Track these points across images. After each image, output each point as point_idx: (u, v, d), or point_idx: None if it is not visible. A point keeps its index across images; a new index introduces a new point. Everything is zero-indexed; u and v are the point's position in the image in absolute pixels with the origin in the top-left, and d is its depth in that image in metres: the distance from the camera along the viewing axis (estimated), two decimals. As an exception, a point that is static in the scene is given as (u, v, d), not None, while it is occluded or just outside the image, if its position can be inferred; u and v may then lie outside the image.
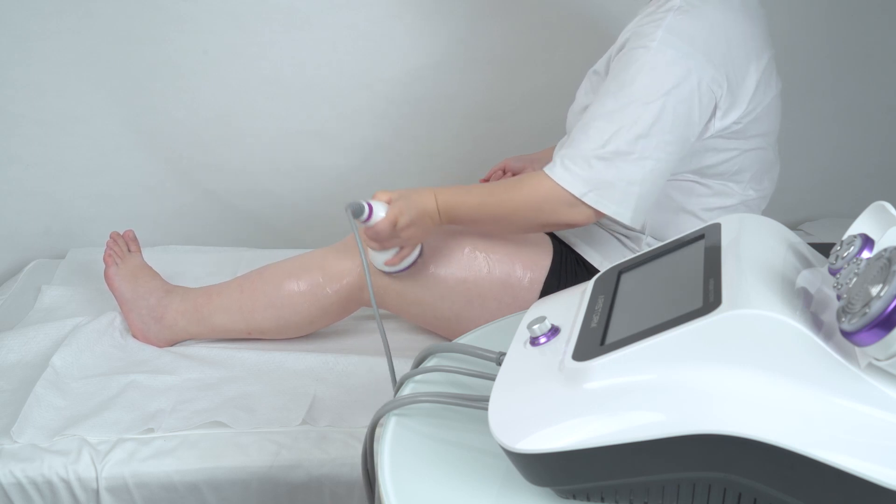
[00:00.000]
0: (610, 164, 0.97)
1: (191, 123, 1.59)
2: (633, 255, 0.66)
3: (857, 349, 0.47)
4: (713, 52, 0.97)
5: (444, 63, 1.60)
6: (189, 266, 1.52)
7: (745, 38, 1.01)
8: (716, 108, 1.00)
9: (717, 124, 1.02)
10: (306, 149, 1.65)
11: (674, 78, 0.96)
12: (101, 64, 1.51)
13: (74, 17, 1.46)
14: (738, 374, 0.48)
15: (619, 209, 0.98)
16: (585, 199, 0.98)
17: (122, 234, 1.35)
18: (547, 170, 1.00)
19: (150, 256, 1.37)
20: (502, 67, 1.62)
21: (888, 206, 0.53)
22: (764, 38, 1.05)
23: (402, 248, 1.10)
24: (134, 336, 1.27)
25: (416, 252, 1.13)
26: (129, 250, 1.33)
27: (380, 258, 1.12)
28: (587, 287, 0.65)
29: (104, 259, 1.31)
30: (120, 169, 1.61)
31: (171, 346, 1.26)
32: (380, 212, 1.03)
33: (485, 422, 0.55)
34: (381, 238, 1.04)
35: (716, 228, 0.60)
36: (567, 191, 0.98)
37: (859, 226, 0.53)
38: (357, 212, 1.01)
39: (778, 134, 1.12)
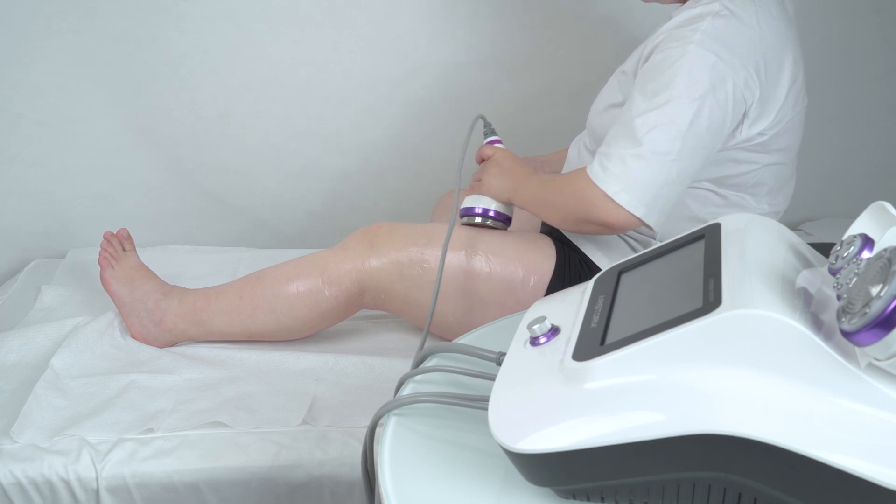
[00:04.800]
0: (646, 164, 0.96)
1: (191, 123, 1.59)
2: (634, 255, 0.66)
3: (857, 349, 0.47)
4: (749, 59, 0.97)
5: (444, 63, 1.60)
6: (188, 266, 1.52)
7: (780, 49, 1.02)
8: (745, 115, 1.00)
9: (744, 133, 1.02)
10: (306, 149, 1.65)
11: (710, 81, 0.95)
12: (101, 64, 1.51)
13: (74, 17, 1.46)
14: (738, 374, 0.48)
15: (649, 211, 0.98)
16: (617, 199, 0.97)
17: (115, 233, 1.35)
18: (588, 168, 1.01)
19: (150, 256, 1.37)
20: (503, 67, 1.62)
21: (888, 206, 0.53)
22: (798, 52, 1.05)
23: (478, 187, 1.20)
24: (133, 338, 1.27)
25: (486, 204, 1.18)
26: (124, 249, 1.32)
27: (464, 201, 1.20)
28: (587, 287, 0.65)
29: (99, 262, 1.30)
30: (120, 169, 1.61)
31: (171, 346, 1.26)
32: (498, 145, 1.24)
33: (485, 422, 0.55)
34: (480, 156, 1.23)
35: (716, 228, 0.60)
36: (600, 188, 0.98)
37: (859, 226, 0.53)
38: (489, 130, 1.25)
39: (798, 150, 1.12)
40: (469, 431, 0.65)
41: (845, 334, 0.45)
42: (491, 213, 1.18)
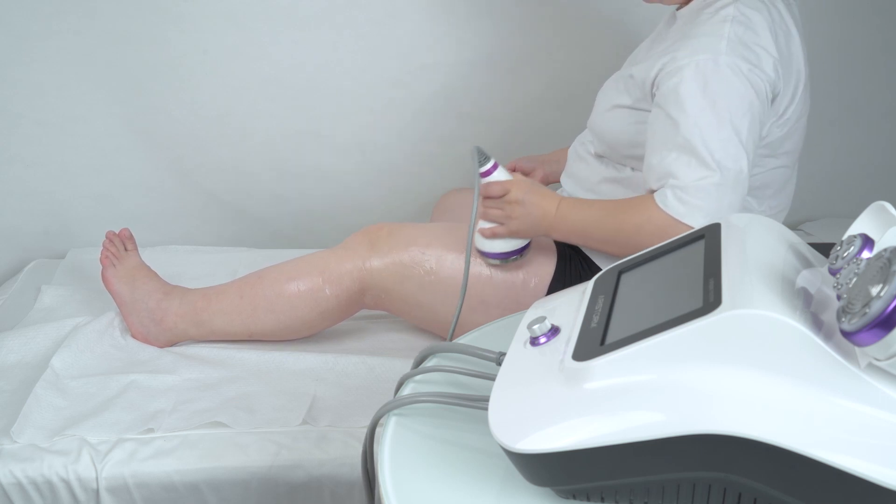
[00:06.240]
0: (727, 189, 0.96)
1: (191, 123, 1.59)
2: (634, 255, 0.66)
3: (857, 349, 0.47)
4: (771, 60, 0.98)
5: (444, 63, 1.60)
6: (189, 266, 1.52)
7: (791, 49, 1.02)
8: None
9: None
10: (306, 149, 1.65)
11: (753, 88, 0.96)
12: (101, 64, 1.51)
13: (74, 17, 1.46)
14: (738, 374, 0.48)
15: None
16: None
17: (117, 233, 1.35)
18: (660, 203, 0.98)
19: (150, 256, 1.37)
20: (503, 68, 1.62)
21: (888, 206, 0.53)
22: (805, 54, 1.06)
23: (501, 226, 1.09)
24: (134, 337, 1.27)
25: (517, 245, 1.12)
26: (126, 249, 1.32)
27: (486, 244, 1.12)
28: (587, 287, 0.65)
29: (101, 260, 1.30)
30: (120, 169, 1.61)
31: (172, 346, 1.26)
32: (501, 175, 1.08)
33: (485, 422, 0.55)
34: (489, 195, 1.07)
35: (716, 228, 0.60)
36: (686, 223, 0.96)
37: (859, 226, 0.53)
38: (481, 159, 1.07)
39: (800, 153, 1.12)
40: (469, 431, 0.65)
41: (845, 334, 0.45)
42: (514, 257, 1.13)
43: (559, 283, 1.14)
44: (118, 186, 1.63)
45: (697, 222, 0.95)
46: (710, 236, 0.59)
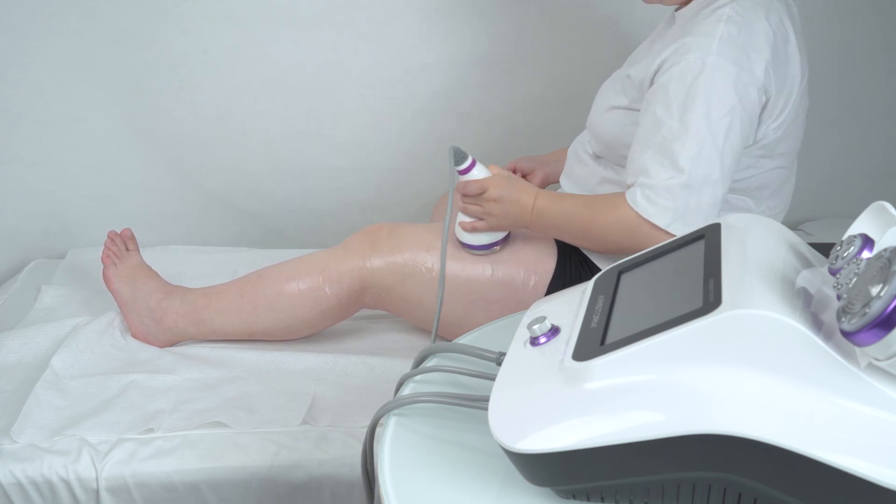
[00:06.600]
0: (693, 191, 0.96)
1: (191, 123, 1.59)
2: (634, 255, 0.66)
3: (857, 349, 0.47)
4: (762, 63, 0.98)
5: (444, 63, 1.60)
6: (189, 266, 1.52)
7: (789, 50, 1.02)
8: (761, 113, 1.01)
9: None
10: (306, 149, 1.65)
11: (736, 93, 0.96)
12: (101, 64, 1.51)
13: (74, 17, 1.46)
14: (738, 374, 0.48)
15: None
16: (671, 230, 0.97)
17: (119, 232, 1.35)
18: (630, 201, 0.99)
19: (150, 256, 1.37)
20: (502, 68, 1.62)
21: (888, 206, 0.53)
22: (804, 54, 1.06)
23: (480, 220, 1.11)
24: (134, 336, 1.27)
25: (498, 237, 1.14)
26: (127, 249, 1.33)
27: (467, 237, 1.14)
28: (587, 287, 0.65)
29: (102, 259, 1.30)
30: (120, 169, 1.61)
31: (172, 346, 1.26)
32: (479, 172, 1.09)
33: (485, 422, 0.55)
34: (466, 193, 1.09)
35: (716, 228, 0.60)
36: (652, 222, 0.97)
37: (859, 226, 0.53)
38: (459, 158, 1.08)
39: (798, 152, 1.12)
40: (469, 431, 0.65)
41: (845, 334, 0.45)
42: (497, 247, 1.15)
43: (559, 281, 1.14)
44: (118, 186, 1.63)
45: (664, 222, 0.97)
46: (710, 236, 0.59)
